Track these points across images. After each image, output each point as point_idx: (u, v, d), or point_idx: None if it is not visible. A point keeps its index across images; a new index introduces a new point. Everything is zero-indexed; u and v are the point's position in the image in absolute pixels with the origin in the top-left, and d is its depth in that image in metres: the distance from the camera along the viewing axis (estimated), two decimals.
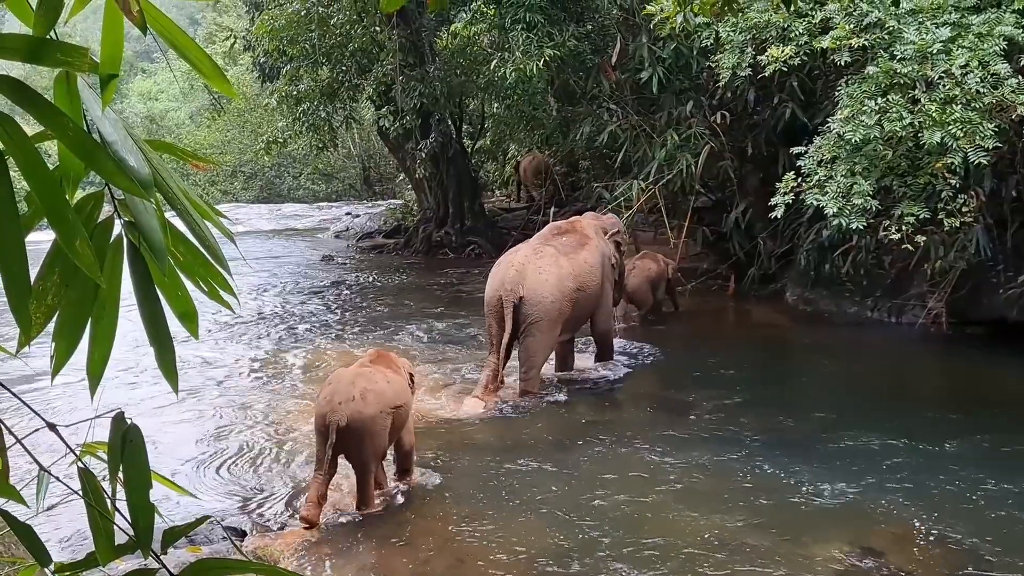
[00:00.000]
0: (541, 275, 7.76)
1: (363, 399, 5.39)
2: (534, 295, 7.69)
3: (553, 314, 7.77)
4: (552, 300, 7.74)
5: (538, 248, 8.08)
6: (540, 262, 7.86)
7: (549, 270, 7.81)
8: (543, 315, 7.71)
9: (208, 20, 41.08)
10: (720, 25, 9.60)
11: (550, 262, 7.88)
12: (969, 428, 6.97)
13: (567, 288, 7.86)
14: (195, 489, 5.93)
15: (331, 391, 5.48)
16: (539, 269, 7.79)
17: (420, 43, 15.08)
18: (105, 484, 1.39)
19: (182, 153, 1.54)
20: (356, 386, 5.45)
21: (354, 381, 5.50)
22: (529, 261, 7.85)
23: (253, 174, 32.53)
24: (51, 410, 7.23)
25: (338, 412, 5.33)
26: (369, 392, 5.44)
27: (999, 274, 9.41)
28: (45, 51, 1.19)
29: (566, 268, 7.93)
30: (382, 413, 5.46)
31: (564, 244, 8.21)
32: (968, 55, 7.73)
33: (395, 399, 5.59)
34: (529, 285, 7.69)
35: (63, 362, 1.35)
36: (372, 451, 5.48)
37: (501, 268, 8.00)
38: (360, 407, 5.37)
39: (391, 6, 1.65)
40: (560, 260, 7.95)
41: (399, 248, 18.37)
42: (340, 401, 5.38)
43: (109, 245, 1.35)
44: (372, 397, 5.43)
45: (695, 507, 5.56)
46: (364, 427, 5.37)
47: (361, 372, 5.64)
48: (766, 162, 11.71)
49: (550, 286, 7.75)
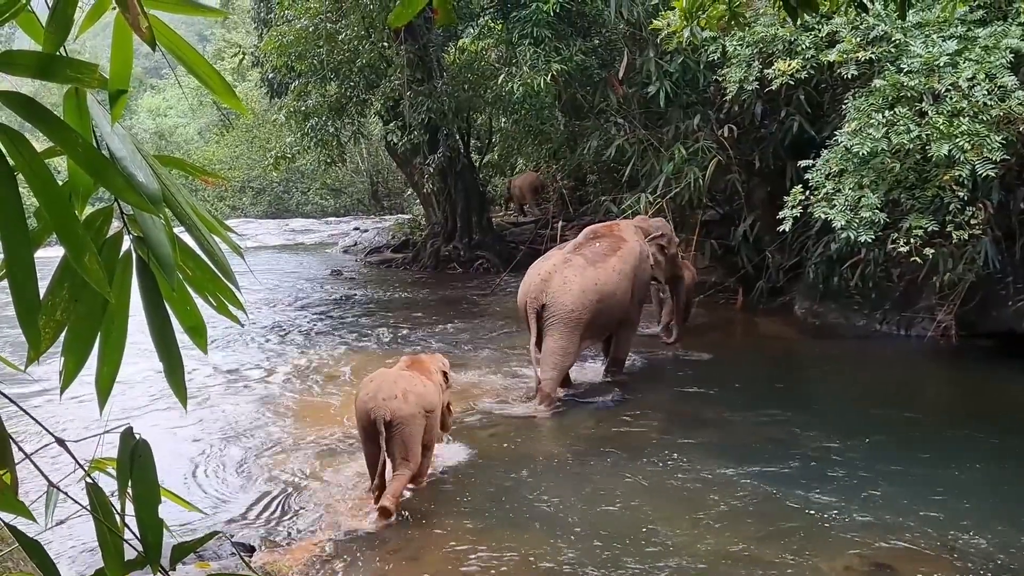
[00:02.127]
0: (565, 284, 8.00)
1: (404, 398, 5.73)
2: (554, 303, 7.95)
3: (571, 322, 7.97)
4: (571, 309, 7.96)
5: (568, 257, 8.30)
6: (567, 272, 8.09)
7: (574, 280, 8.04)
8: (561, 322, 7.95)
9: (217, 36, 41.29)
10: (727, 39, 9.62)
11: (576, 272, 8.10)
12: (979, 442, 6.93)
13: (589, 299, 8.04)
14: (203, 503, 5.93)
15: (375, 388, 5.77)
16: (564, 279, 8.04)
17: (428, 58, 15.14)
18: (114, 499, 1.40)
19: (191, 168, 1.54)
20: (398, 386, 5.78)
21: (396, 381, 5.83)
22: (556, 270, 8.11)
23: (262, 189, 32.66)
24: (60, 424, 7.25)
25: (382, 408, 5.64)
26: (410, 393, 5.78)
27: (1008, 286, 9.39)
28: (55, 67, 1.20)
29: (591, 278, 8.12)
30: (420, 412, 5.79)
31: (595, 251, 8.40)
32: (975, 68, 7.73)
33: (429, 403, 5.92)
34: (551, 293, 7.97)
35: (72, 377, 1.36)
36: (409, 448, 5.78)
37: (529, 275, 8.30)
38: (401, 405, 5.69)
39: (399, 21, 1.65)
40: (587, 270, 8.15)
41: (407, 263, 18.41)
42: (384, 398, 5.68)
43: (118, 260, 1.35)
44: (413, 398, 5.78)
45: (703, 521, 5.53)
46: (403, 424, 5.69)
47: (402, 374, 6.00)
48: (774, 175, 11.71)
49: (572, 295, 7.97)
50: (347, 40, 14.94)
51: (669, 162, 11.86)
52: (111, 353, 1.39)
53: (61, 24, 1.21)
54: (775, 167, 11.62)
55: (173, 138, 38.18)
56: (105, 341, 1.37)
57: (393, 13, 1.63)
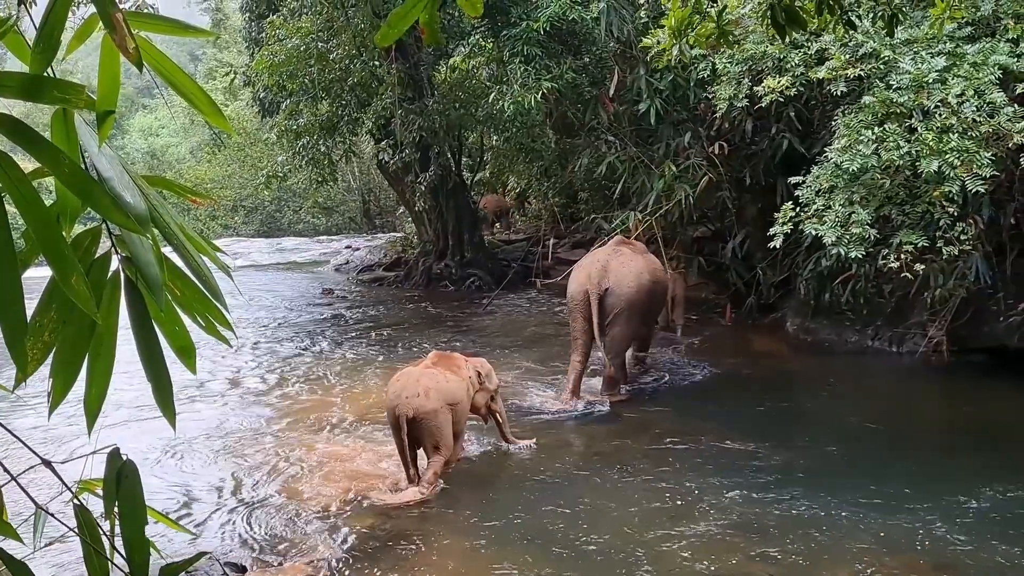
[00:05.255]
0: (624, 268, 8.79)
1: (426, 395, 6.26)
2: (618, 286, 8.68)
3: (636, 304, 8.75)
4: (636, 290, 8.75)
5: (616, 249, 9.13)
6: (621, 259, 8.90)
7: (630, 265, 8.85)
8: (626, 305, 8.68)
9: (209, 56, 41.41)
10: (716, 57, 9.65)
11: (629, 259, 8.93)
12: (971, 457, 6.95)
13: (645, 281, 8.87)
14: (193, 523, 5.91)
15: (400, 387, 6.34)
16: (622, 264, 8.82)
17: (419, 77, 15.18)
18: (103, 520, 1.39)
19: (179, 189, 1.54)
20: (420, 384, 6.31)
21: (419, 379, 6.36)
22: (612, 258, 8.88)
23: (254, 208, 32.64)
24: (48, 445, 7.22)
25: (405, 406, 6.21)
26: (432, 390, 6.31)
27: (999, 301, 9.41)
28: (42, 88, 1.20)
29: (642, 264, 8.99)
30: (443, 408, 6.32)
31: (634, 248, 9.29)
32: (964, 84, 7.76)
33: (452, 397, 6.45)
34: (613, 278, 8.69)
35: (60, 398, 1.35)
36: (439, 439, 6.34)
37: (585, 266, 9.03)
38: (424, 402, 6.23)
39: (385, 41, 1.66)
40: (637, 258, 9.02)
41: (399, 281, 18.38)
42: (407, 396, 6.24)
43: (107, 280, 1.35)
44: (434, 394, 6.30)
45: (696, 538, 5.52)
46: (428, 419, 6.23)
47: (425, 372, 6.50)
48: (764, 192, 11.72)
49: (632, 277, 8.76)
50: (338, 59, 14.98)
51: (660, 179, 11.88)
52: (99, 374, 1.38)
53: (48, 45, 1.21)
54: (766, 184, 11.63)
55: (165, 157, 38.18)
56: (93, 362, 1.37)
57: (379, 33, 1.64)
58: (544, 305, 14.48)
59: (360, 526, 5.83)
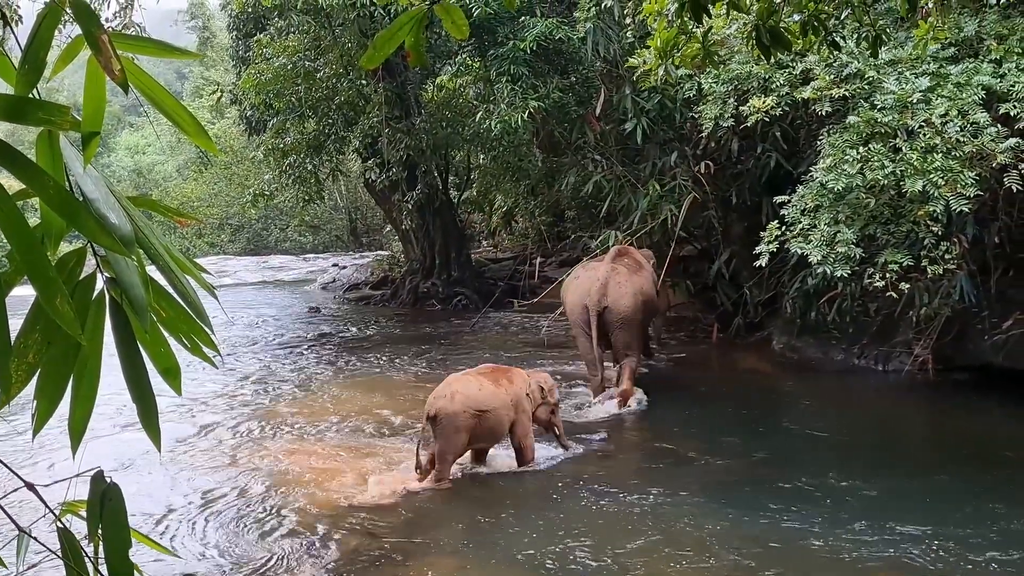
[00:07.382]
0: (620, 288, 9.28)
1: (451, 399, 6.69)
2: (616, 304, 9.19)
3: (631, 320, 9.30)
4: (632, 309, 9.28)
5: (613, 267, 9.51)
6: (618, 278, 9.37)
7: (627, 285, 9.34)
8: (623, 323, 9.26)
9: (196, 74, 41.43)
10: (702, 77, 9.70)
11: (625, 278, 9.41)
12: (957, 475, 6.95)
13: (639, 301, 9.37)
14: (178, 547, 5.87)
15: (437, 388, 6.88)
16: (618, 284, 9.31)
17: (406, 96, 15.22)
18: (87, 543, 1.38)
19: (164, 210, 1.54)
20: (451, 387, 6.81)
21: (452, 383, 6.88)
22: (610, 277, 9.31)
23: (240, 226, 32.62)
24: (32, 467, 7.16)
25: (431, 404, 6.71)
26: (459, 394, 6.73)
27: (984, 320, 9.45)
28: (26, 110, 1.19)
29: (637, 283, 9.46)
30: (465, 412, 6.68)
31: (628, 264, 9.71)
32: (947, 104, 7.81)
33: (481, 404, 6.77)
34: (611, 297, 9.20)
35: (44, 420, 1.34)
36: (452, 442, 6.71)
37: (583, 283, 9.54)
38: (446, 404, 6.67)
39: (370, 64, 1.66)
40: (632, 277, 9.49)
41: (386, 299, 18.38)
42: (435, 396, 6.76)
43: (92, 301, 1.34)
44: (460, 398, 6.70)
45: (682, 558, 5.51)
46: (446, 420, 6.64)
47: (462, 378, 7.01)
48: (750, 211, 11.77)
49: (628, 298, 9.27)
50: (325, 78, 15.01)
51: (645, 198, 11.91)
52: (84, 396, 1.37)
53: (34, 67, 1.21)
54: (751, 203, 11.68)
55: (152, 175, 38.17)
56: (78, 384, 1.36)
57: (365, 56, 1.64)
58: (531, 324, 14.47)
59: (346, 546, 5.81)
